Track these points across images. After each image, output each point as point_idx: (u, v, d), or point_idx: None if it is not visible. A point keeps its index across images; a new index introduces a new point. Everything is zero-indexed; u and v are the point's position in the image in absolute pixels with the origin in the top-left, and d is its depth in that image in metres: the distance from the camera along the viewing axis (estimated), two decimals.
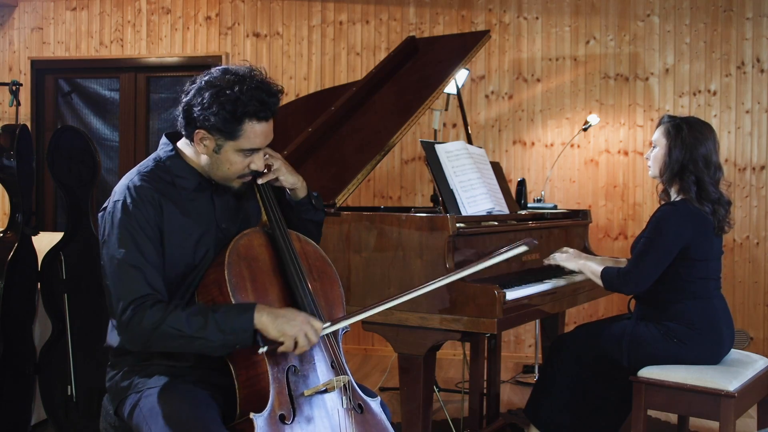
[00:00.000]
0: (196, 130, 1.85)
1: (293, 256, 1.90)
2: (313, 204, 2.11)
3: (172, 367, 1.87)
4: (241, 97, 1.80)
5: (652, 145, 2.90)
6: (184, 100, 1.87)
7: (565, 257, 2.99)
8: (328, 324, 1.82)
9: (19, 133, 3.19)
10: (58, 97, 5.94)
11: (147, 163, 1.93)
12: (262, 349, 1.72)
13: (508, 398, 4.26)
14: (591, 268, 2.90)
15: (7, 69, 5.87)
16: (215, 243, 1.92)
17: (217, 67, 1.88)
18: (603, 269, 2.84)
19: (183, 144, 1.95)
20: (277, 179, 2.00)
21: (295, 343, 1.73)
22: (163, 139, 1.98)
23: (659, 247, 2.72)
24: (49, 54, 5.84)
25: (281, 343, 1.73)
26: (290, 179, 2.02)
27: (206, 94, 1.81)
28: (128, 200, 1.82)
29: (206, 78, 1.85)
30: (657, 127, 2.91)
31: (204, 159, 1.90)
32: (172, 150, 1.94)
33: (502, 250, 1.90)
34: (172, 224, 1.85)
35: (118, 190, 1.86)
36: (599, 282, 2.85)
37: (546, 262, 3.04)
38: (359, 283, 2.68)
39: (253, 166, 1.90)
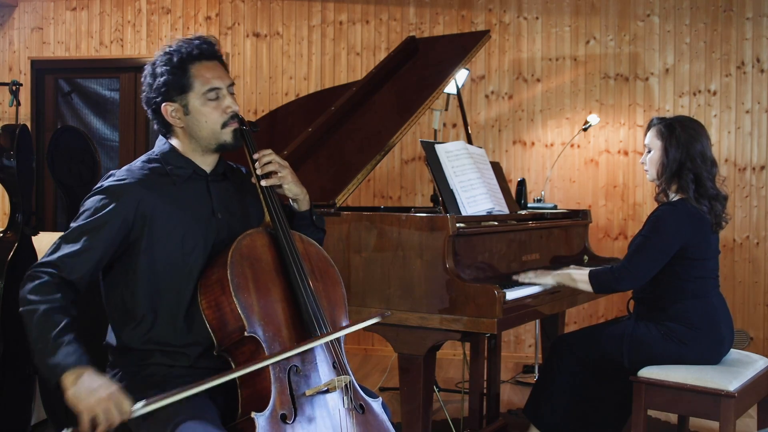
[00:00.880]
0: (162, 107, 1.91)
1: (296, 257, 1.91)
2: (313, 221, 2.12)
3: (171, 367, 1.87)
4: (173, 50, 1.90)
5: (646, 149, 2.90)
6: (142, 98, 1.97)
7: (535, 275, 2.85)
8: (139, 405, 1.61)
9: (19, 133, 3.19)
10: (58, 97, 5.94)
11: (139, 159, 1.98)
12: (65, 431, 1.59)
13: (508, 398, 4.26)
14: (573, 275, 2.83)
15: (7, 69, 5.87)
16: (207, 232, 1.93)
17: None
18: (590, 271, 2.81)
19: (172, 140, 1.99)
20: (281, 186, 2.01)
21: (93, 421, 1.58)
22: (159, 139, 2.03)
23: (656, 245, 2.72)
24: (49, 54, 5.84)
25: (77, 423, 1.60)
26: (294, 189, 2.03)
27: (147, 76, 1.93)
28: (104, 187, 1.86)
29: (145, 68, 1.97)
30: (647, 130, 2.90)
31: (186, 134, 1.94)
32: (165, 143, 1.99)
33: (355, 322, 1.87)
34: (158, 216, 1.87)
35: (104, 178, 1.91)
36: (586, 287, 2.79)
37: (523, 281, 2.83)
38: (359, 283, 2.68)
39: (229, 110, 1.93)
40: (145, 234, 1.86)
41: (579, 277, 2.82)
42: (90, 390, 1.61)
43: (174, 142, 1.99)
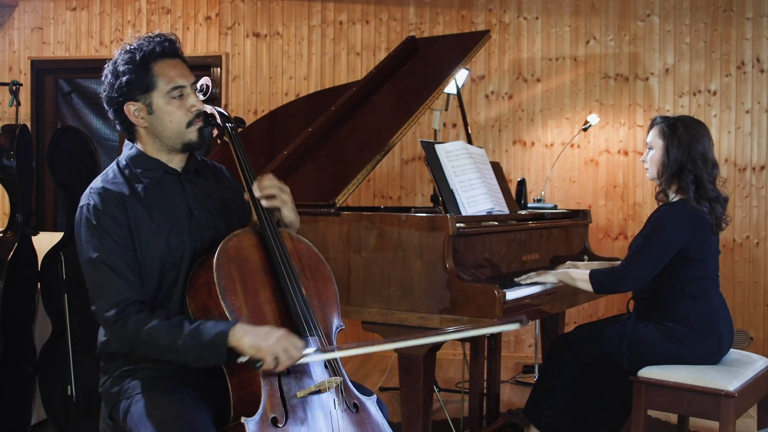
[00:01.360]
0: (125, 107, 1.88)
1: (284, 256, 1.89)
2: None
3: (161, 370, 1.86)
4: (135, 48, 1.87)
5: (648, 147, 2.90)
6: (102, 98, 1.93)
7: (537, 274, 2.85)
8: (311, 350, 1.75)
9: (19, 133, 3.19)
10: (58, 97, 5.94)
11: (109, 168, 1.96)
12: (241, 359, 1.69)
13: (508, 398, 4.26)
14: (573, 274, 2.83)
15: (7, 69, 5.87)
16: (189, 231, 1.91)
17: None
18: (591, 271, 2.80)
19: (139, 143, 1.97)
20: (279, 210, 1.99)
21: (276, 360, 1.68)
22: (126, 143, 2.01)
23: (656, 246, 2.72)
24: (49, 54, 5.84)
25: (260, 361, 1.68)
26: (291, 216, 2.03)
27: (108, 75, 1.90)
28: (91, 203, 1.83)
29: (105, 67, 1.93)
30: (650, 128, 2.89)
31: (151, 134, 1.92)
32: (131, 148, 1.97)
33: (497, 323, 1.86)
34: (140, 220, 1.85)
35: (83, 197, 1.88)
36: (587, 287, 2.79)
37: (523, 282, 2.83)
38: (359, 283, 2.68)
39: (194, 109, 1.91)
40: (133, 236, 1.84)
41: (579, 276, 2.82)
42: (264, 334, 1.69)
43: (139, 144, 1.96)
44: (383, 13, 5.38)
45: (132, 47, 1.88)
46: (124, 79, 1.86)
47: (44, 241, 3.37)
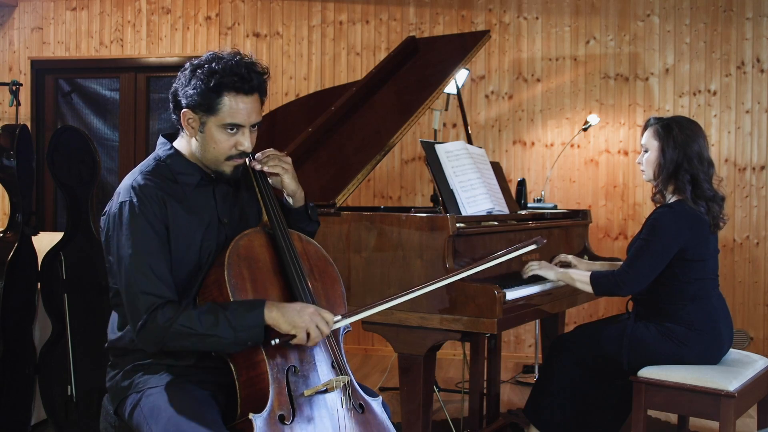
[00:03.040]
0: (182, 111, 1.89)
1: (294, 257, 1.91)
2: (308, 214, 2.13)
3: (173, 366, 1.87)
4: (218, 69, 1.85)
5: (643, 149, 2.89)
6: (172, 86, 1.93)
7: (541, 267, 2.88)
8: (339, 317, 1.84)
9: (19, 133, 3.19)
10: (58, 97, 5.94)
11: (148, 162, 1.95)
12: (275, 341, 1.74)
13: (508, 398, 4.26)
14: (574, 275, 2.83)
15: (7, 69, 5.87)
16: (217, 238, 1.93)
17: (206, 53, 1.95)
18: (591, 273, 2.80)
19: (180, 143, 1.97)
20: (281, 180, 2.01)
21: (308, 335, 1.75)
22: (161, 140, 2.00)
23: (655, 249, 2.72)
24: (49, 54, 5.84)
25: (293, 336, 1.75)
26: (293, 185, 2.04)
27: (187, 73, 1.89)
28: (134, 200, 1.82)
29: (191, 62, 1.92)
30: (644, 130, 2.89)
31: (194, 144, 1.92)
32: (170, 149, 1.96)
33: (514, 247, 1.91)
34: (177, 222, 1.86)
35: (122, 191, 1.87)
36: (587, 288, 2.80)
37: (525, 275, 2.88)
38: (359, 283, 2.68)
39: (241, 147, 1.90)
40: (170, 237, 1.85)
41: (580, 277, 2.82)
42: (296, 310, 1.77)
43: (182, 146, 1.96)
44: (383, 13, 5.38)
45: (216, 66, 1.85)
46: (193, 91, 1.85)
47: (44, 241, 3.37)
